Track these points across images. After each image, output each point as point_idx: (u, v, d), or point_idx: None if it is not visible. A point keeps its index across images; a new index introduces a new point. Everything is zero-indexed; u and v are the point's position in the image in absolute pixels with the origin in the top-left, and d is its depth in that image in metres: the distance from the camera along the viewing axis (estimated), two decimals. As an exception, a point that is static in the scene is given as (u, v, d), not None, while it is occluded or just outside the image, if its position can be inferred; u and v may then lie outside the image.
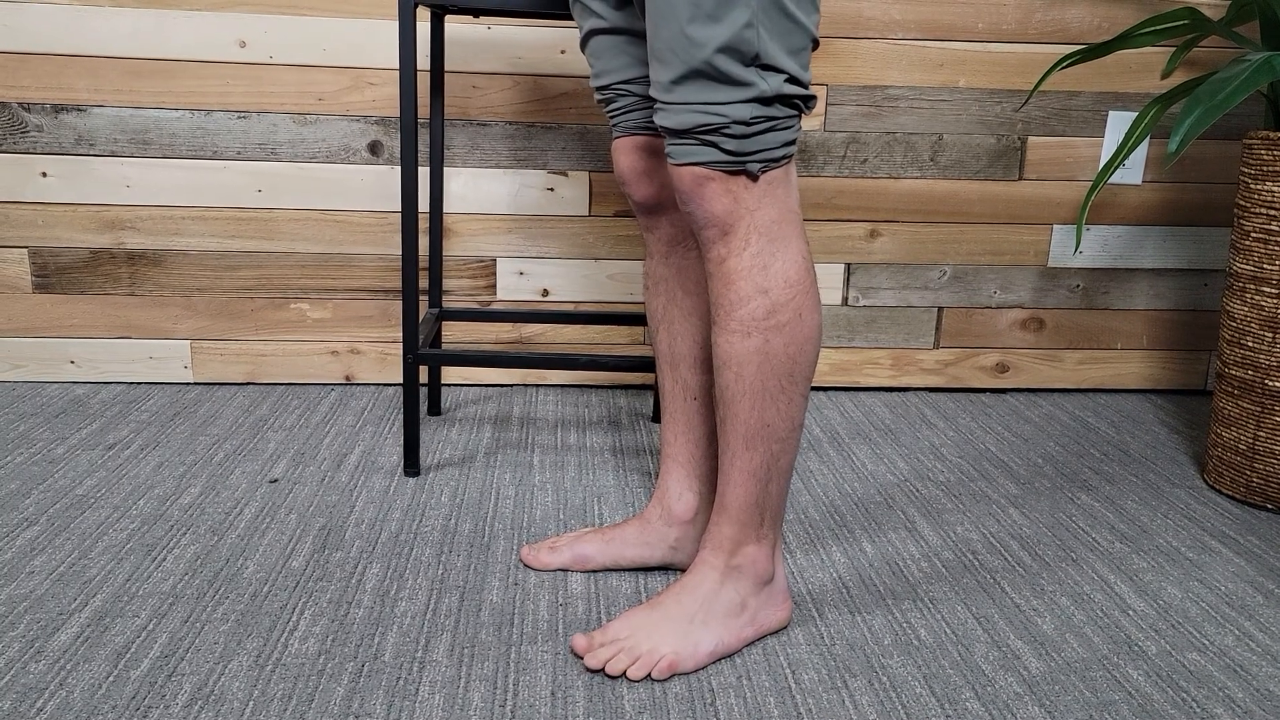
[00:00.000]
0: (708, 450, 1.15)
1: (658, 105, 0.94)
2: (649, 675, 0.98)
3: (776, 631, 1.07)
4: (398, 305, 1.80)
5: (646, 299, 1.17)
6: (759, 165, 0.92)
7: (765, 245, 0.94)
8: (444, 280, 1.78)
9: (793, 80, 0.91)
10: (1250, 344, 1.40)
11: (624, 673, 0.98)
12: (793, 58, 0.91)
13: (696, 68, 0.89)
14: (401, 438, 1.56)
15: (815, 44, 0.94)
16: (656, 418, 1.70)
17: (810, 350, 0.98)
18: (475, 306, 1.79)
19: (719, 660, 1.01)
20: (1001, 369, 1.91)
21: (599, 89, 1.09)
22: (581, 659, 1.00)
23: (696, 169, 0.93)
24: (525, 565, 1.19)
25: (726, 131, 0.90)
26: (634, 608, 1.04)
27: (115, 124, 1.67)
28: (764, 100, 0.90)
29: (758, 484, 1.00)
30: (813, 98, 0.95)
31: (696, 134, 0.92)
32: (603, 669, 0.99)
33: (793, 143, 0.94)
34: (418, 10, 1.65)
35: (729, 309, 0.96)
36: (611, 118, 1.10)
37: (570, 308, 1.82)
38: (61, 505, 1.30)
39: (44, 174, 1.68)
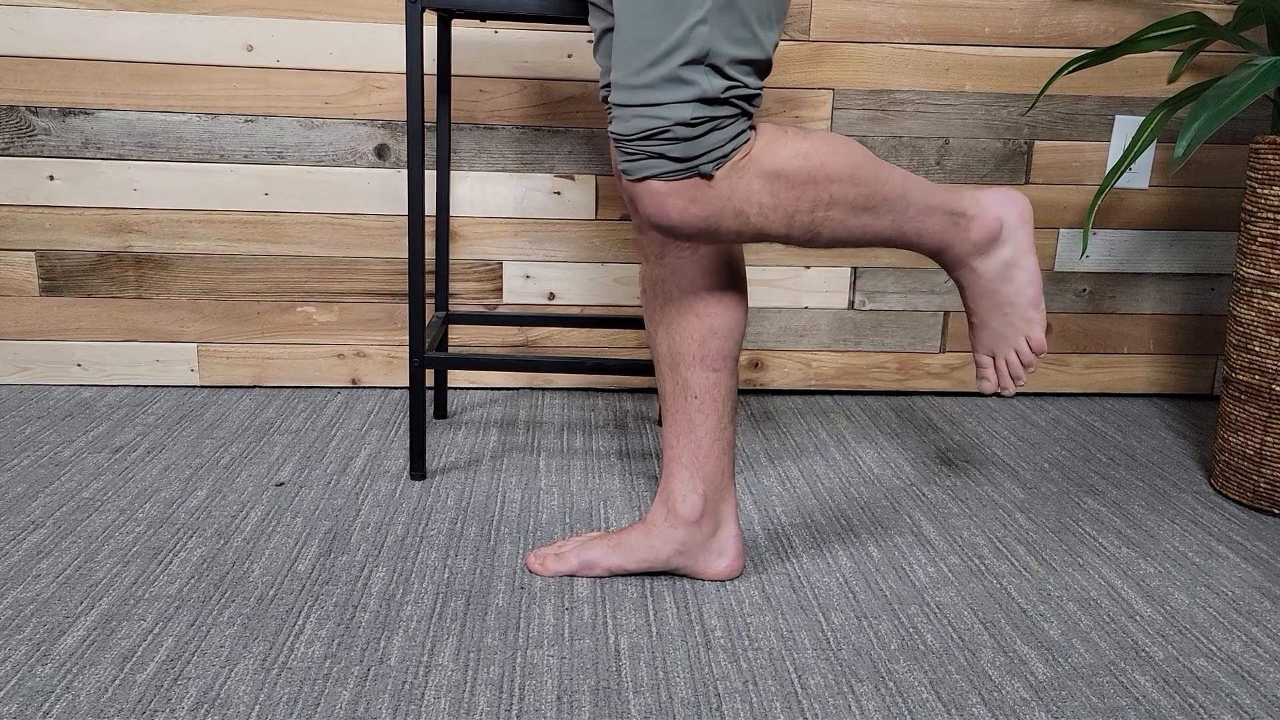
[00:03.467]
0: (710, 450, 1.14)
1: (612, 114, 0.92)
2: None
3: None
4: (404, 308, 1.80)
5: (643, 303, 1.17)
6: (711, 164, 0.91)
7: (756, 190, 0.93)
8: (450, 284, 1.79)
9: (738, 86, 0.90)
10: (1257, 348, 1.39)
11: None
12: (739, 68, 0.90)
13: (650, 62, 0.87)
14: (407, 441, 1.56)
15: (768, 66, 0.93)
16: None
17: (865, 169, 0.96)
18: (481, 310, 1.79)
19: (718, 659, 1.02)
20: (1007, 373, 1.90)
21: (604, 87, 1.10)
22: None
23: (652, 184, 0.92)
24: (531, 573, 1.19)
25: (669, 135, 0.89)
26: None
27: (122, 127, 1.68)
28: (707, 100, 0.88)
29: (925, 227, 1.02)
30: (757, 95, 0.92)
31: (641, 141, 0.90)
32: None
33: (743, 133, 0.92)
34: (425, 14, 1.65)
35: (787, 235, 0.96)
36: None
37: (576, 311, 1.82)
38: (68, 508, 1.31)
39: (51, 177, 1.69)
